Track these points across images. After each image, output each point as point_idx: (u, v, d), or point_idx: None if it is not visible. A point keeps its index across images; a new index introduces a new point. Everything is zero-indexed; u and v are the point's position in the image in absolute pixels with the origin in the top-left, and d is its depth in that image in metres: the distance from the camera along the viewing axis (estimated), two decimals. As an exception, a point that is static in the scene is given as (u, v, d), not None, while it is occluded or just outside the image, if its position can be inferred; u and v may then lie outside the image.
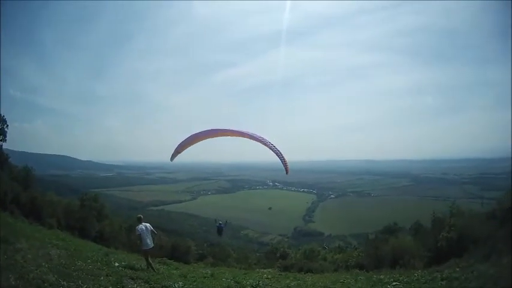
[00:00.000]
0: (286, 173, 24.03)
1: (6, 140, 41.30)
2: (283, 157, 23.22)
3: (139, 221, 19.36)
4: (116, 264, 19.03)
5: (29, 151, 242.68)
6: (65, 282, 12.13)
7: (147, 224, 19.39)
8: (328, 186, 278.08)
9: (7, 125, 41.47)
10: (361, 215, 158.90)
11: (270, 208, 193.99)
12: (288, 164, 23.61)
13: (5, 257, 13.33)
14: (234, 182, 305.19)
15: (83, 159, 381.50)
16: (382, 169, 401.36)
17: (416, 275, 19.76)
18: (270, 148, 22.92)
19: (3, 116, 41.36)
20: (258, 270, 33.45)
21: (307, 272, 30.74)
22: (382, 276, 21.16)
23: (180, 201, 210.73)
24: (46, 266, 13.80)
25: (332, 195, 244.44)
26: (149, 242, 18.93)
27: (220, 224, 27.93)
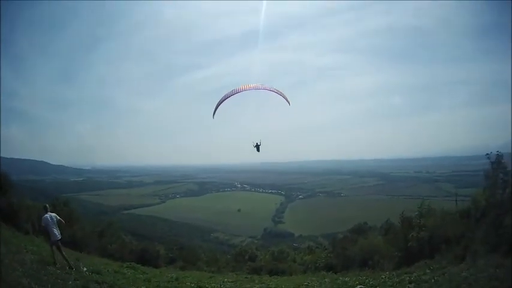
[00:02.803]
0: (289, 104, 28.42)
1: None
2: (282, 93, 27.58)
3: (45, 210, 18.60)
4: (84, 269, 18.87)
5: (4, 156, 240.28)
6: (36, 286, 12.63)
7: (53, 214, 18.61)
8: (296, 187, 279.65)
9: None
10: (331, 214, 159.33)
11: (239, 210, 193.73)
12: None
13: None
14: (202, 185, 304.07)
15: (55, 163, 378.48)
16: (352, 169, 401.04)
17: (383, 276, 19.76)
18: (273, 90, 27.32)
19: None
20: (226, 273, 33.45)
21: (275, 275, 30.88)
22: (347, 279, 21.10)
23: (149, 205, 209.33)
24: (20, 270, 14.18)
25: (301, 196, 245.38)
26: (57, 233, 18.12)
27: (257, 143, 29.55)
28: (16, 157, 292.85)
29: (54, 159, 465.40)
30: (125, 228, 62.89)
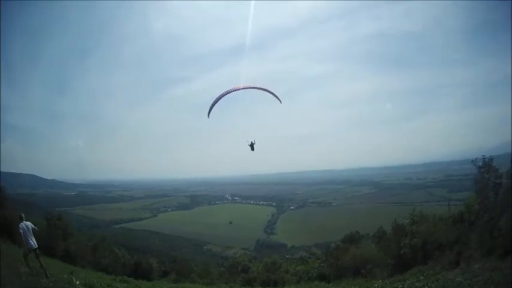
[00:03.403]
0: (281, 102, 29.19)
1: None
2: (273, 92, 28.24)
3: (21, 219, 18.41)
4: (77, 282, 18.64)
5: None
6: None
7: (28, 223, 18.46)
8: (287, 198, 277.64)
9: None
10: (323, 224, 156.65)
11: (230, 222, 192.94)
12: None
13: None
14: (193, 198, 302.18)
15: (47, 178, 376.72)
16: (343, 178, 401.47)
17: (376, 285, 19.91)
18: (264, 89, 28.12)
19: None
20: (219, 285, 33.49)
21: (268, 286, 30.95)
22: (340, 288, 21.26)
23: (140, 219, 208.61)
24: (16, 283, 15.02)
25: (292, 207, 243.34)
26: (32, 242, 18.06)
27: (252, 142, 29.79)
28: (7, 171, 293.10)
29: (46, 174, 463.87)
30: (118, 242, 62.86)
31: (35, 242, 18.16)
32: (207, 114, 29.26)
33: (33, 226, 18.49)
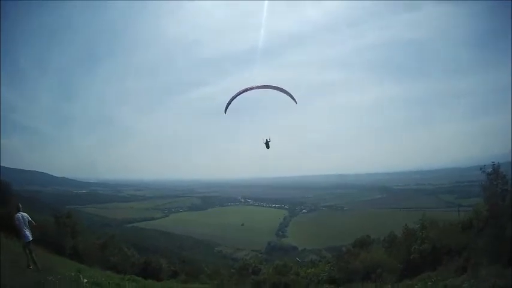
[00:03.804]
0: (296, 102, 28.02)
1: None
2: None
3: (18, 209, 18.47)
4: (85, 280, 18.04)
5: (5, 165, 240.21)
6: None
7: (25, 214, 18.46)
8: (300, 201, 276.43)
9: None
10: (334, 228, 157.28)
11: (242, 224, 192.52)
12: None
13: None
14: (205, 199, 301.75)
15: (58, 175, 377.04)
16: (354, 183, 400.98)
17: (386, 290, 19.69)
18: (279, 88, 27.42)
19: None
20: (229, 286, 33.33)
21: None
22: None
23: (152, 219, 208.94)
24: (20, 279, 14.62)
25: (304, 210, 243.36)
26: (28, 234, 18.07)
27: (267, 140, 28.94)
28: (17, 167, 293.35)
29: (57, 172, 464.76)
30: (128, 241, 62.49)
31: (30, 234, 18.15)
32: (224, 111, 28.58)
33: (29, 218, 18.45)
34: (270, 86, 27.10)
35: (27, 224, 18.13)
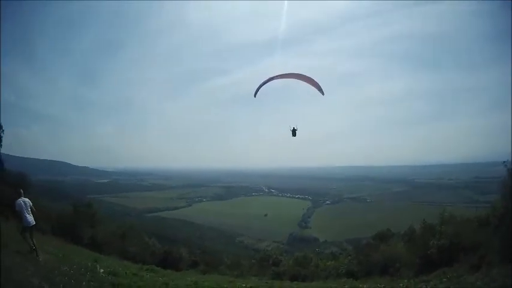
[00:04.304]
0: (323, 94, 27.03)
1: (1, 145, 41.28)
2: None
3: (19, 195, 18.04)
4: (101, 270, 18.67)
5: (26, 156, 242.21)
6: (46, 286, 12.48)
7: (26, 199, 18.15)
8: (323, 192, 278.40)
9: (3, 130, 41.46)
10: (356, 220, 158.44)
11: (265, 215, 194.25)
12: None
13: None
14: (229, 189, 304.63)
15: (78, 165, 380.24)
16: (378, 175, 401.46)
17: (401, 284, 19.60)
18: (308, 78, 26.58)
19: None
20: (248, 277, 33.24)
21: (296, 280, 30.63)
22: (366, 286, 20.98)
23: (175, 208, 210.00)
24: (32, 269, 14.22)
25: (328, 201, 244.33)
26: (30, 219, 17.77)
27: (294, 128, 28.24)
28: (36, 157, 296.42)
29: (77, 161, 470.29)
30: (149, 230, 62.75)
31: (32, 219, 17.99)
32: (253, 95, 28.38)
33: (31, 204, 18.26)
34: (300, 75, 26.65)
35: (29, 209, 18.02)
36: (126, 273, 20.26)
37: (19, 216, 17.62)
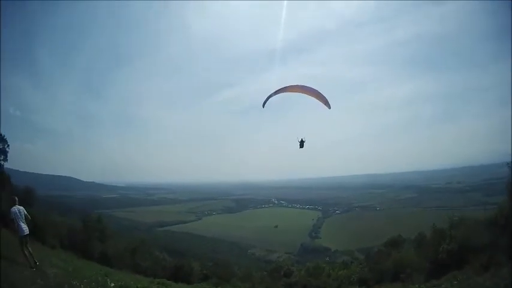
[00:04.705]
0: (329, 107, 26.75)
1: (7, 159, 41.47)
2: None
3: (14, 203, 17.60)
4: (112, 284, 18.57)
5: (33, 171, 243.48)
6: None
7: (21, 208, 17.65)
8: (333, 202, 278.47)
9: (8, 145, 41.73)
10: (367, 229, 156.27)
11: (276, 226, 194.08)
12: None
13: (1, 272, 13.80)
14: (239, 202, 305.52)
15: (85, 180, 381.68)
16: (386, 182, 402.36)
17: (413, 290, 19.57)
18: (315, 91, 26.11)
19: (4, 135, 41.58)
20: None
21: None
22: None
23: (184, 222, 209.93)
24: (41, 283, 14.42)
25: (337, 211, 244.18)
26: (24, 228, 17.30)
27: (302, 139, 27.97)
28: (42, 172, 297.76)
29: (84, 176, 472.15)
30: (159, 245, 62.98)
31: (27, 228, 17.57)
32: (261, 105, 28.30)
33: (25, 212, 17.84)
34: (307, 89, 26.53)
35: (24, 217, 17.60)
36: (137, 287, 20.31)
37: (15, 224, 17.30)
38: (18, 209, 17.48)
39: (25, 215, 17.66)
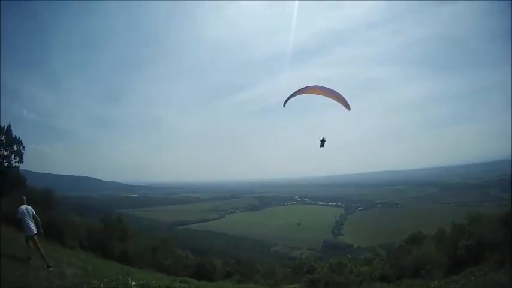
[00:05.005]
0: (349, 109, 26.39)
1: (22, 161, 41.72)
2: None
3: (22, 202, 17.37)
4: (133, 283, 18.14)
5: (52, 173, 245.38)
6: None
7: (29, 207, 17.36)
8: (355, 199, 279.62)
9: (23, 147, 41.92)
10: (389, 225, 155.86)
11: (298, 223, 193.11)
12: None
13: (17, 273, 14.17)
14: (262, 199, 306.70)
15: (107, 180, 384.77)
16: (405, 179, 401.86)
17: (433, 285, 19.73)
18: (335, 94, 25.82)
19: (19, 137, 41.88)
20: (283, 286, 33.30)
21: (330, 287, 30.61)
22: (398, 289, 21.05)
23: (206, 220, 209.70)
24: (58, 283, 14.50)
25: (360, 208, 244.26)
26: (32, 227, 16.92)
27: (323, 138, 27.81)
28: (62, 173, 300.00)
29: (105, 177, 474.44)
30: (182, 243, 63.57)
31: (35, 227, 17.21)
32: (282, 104, 28.34)
33: (33, 212, 17.50)
34: (326, 90, 26.41)
35: (32, 216, 17.28)
36: (159, 285, 19.65)
37: (22, 224, 17.11)
38: (26, 208, 17.34)
39: (33, 215, 17.45)
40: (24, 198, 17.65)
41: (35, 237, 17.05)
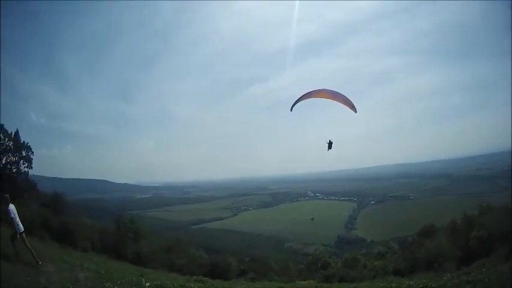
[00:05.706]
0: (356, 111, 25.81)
1: (32, 166, 41.96)
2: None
3: (6, 201, 17.04)
4: (147, 284, 18.15)
5: (63, 177, 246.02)
6: None
7: (13, 206, 17.12)
8: (367, 193, 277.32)
9: (32, 152, 42.17)
10: (401, 218, 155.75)
11: (312, 219, 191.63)
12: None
13: (28, 278, 14.09)
14: (275, 196, 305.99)
15: (119, 182, 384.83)
16: (418, 171, 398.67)
17: (444, 278, 19.43)
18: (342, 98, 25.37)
19: (27, 143, 42.15)
20: (297, 282, 33.23)
21: (345, 282, 30.57)
22: (412, 282, 20.99)
23: (221, 218, 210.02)
24: (71, 287, 14.45)
25: (372, 202, 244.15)
26: (20, 224, 17.01)
27: (330, 141, 27.58)
28: (74, 177, 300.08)
29: (117, 178, 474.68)
30: (196, 242, 63.06)
31: (21, 224, 17.23)
32: (289, 109, 28.28)
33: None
34: (333, 93, 26.31)
35: (17, 215, 17.12)
36: (173, 285, 19.68)
37: (13, 223, 16.83)
38: (13, 207, 17.22)
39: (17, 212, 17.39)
40: (8, 196, 17.35)
41: (23, 233, 17.17)
